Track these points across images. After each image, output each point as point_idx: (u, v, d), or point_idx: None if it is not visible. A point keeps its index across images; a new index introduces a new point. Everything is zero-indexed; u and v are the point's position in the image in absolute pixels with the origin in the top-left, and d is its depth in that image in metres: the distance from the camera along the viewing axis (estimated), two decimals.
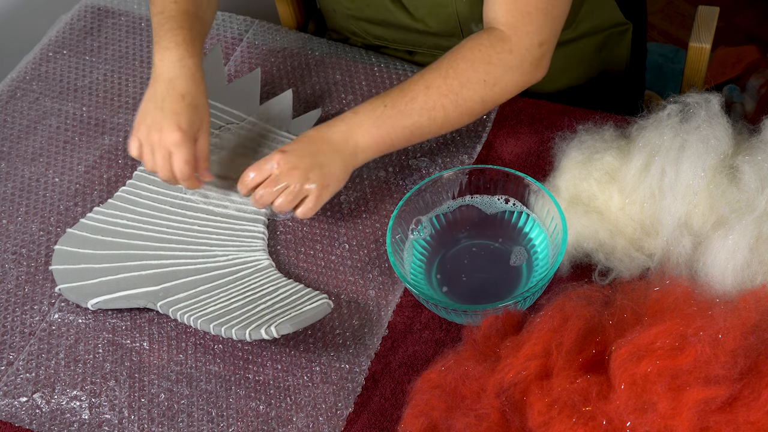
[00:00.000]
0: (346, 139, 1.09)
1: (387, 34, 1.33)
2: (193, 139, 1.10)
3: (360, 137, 1.09)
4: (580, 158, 1.07)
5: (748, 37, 2.35)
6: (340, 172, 1.09)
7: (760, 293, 0.87)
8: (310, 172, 1.08)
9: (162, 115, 1.09)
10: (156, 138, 1.09)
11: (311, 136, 1.10)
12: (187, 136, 1.08)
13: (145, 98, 1.12)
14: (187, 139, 1.09)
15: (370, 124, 1.09)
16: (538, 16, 1.10)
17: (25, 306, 1.11)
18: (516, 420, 0.82)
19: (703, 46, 1.29)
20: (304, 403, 1.00)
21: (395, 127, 1.09)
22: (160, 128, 1.08)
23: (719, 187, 1.00)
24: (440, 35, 1.28)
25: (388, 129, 1.09)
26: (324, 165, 1.08)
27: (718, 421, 0.77)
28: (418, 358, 1.02)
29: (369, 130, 1.09)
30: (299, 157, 1.08)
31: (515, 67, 1.11)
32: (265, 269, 1.09)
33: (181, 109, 1.09)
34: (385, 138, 1.10)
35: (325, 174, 1.08)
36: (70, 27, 1.43)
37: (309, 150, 1.09)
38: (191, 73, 1.11)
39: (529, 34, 1.10)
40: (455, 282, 1.06)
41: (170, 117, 1.08)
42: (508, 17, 1.10)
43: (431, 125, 1.11)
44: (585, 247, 1.04)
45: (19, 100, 1.34)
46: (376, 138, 1.10)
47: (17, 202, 1.21)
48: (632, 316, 0.86)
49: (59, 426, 1.00)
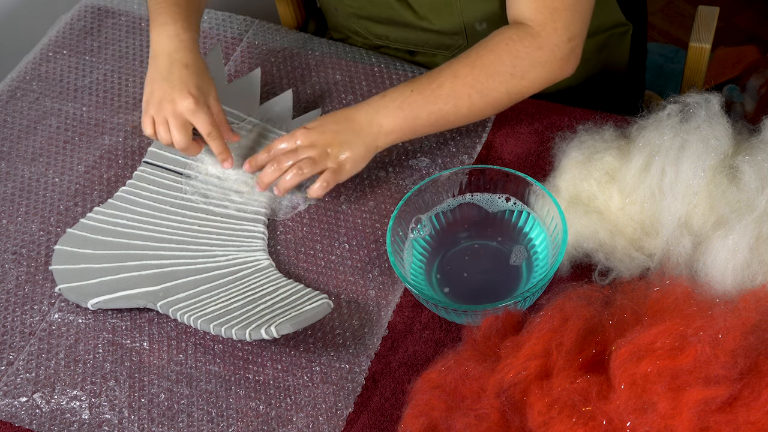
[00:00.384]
0: (370, 120, 1.10)
1: (389, 32, 1.33)
2: (206, 104, 1.11)
3: (384, 120, 1.10)
4: (580, 158, 1.07)
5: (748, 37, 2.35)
6: (359, 154, 1.10)
7: (760, 293, 0.87)
8: (330, 149, 1.08)
9: (170, 86, 1.10)
10: (169, 109, 1.10)
11: (337, 114, 1.11)
12: (199, 101, 1.10)
13: (148, 76, 1.13)
14: (201, 104, 1.10)
15: (396, 107, 1.10)
16: (565, 12, 1.11)
17: (25, 306, 1.11)
18: (516, 420, 0.82)
19: (703, 46, 1.29)
20: (304, 403, 1.00)
21: (420, 112, 1.10)
22: (172, 99, 1.10)
23: (719, 187, 1.00)
24: (444, 33, 1.29)
25: (413, 113, 1.10)
26: (344, 144, 1.09)
27: (718, 421, 0.77)
28: (418, 358, 1.02)
29: (394, 113, 1.10)
30: (321, 134, 1.09)
31: (543, 62, 1.12)
32: (265, 269, 1.09)
33: (188, 77, 1.11)
34: (410, 122, 1.10)
35: (344, 153, 1.09)
36: (70, 27, 1.43)
37: (332, 128, 1.09)
38: (190, 46, 1.13)
39: (558, 30, 1.11)
40: (455, 282, 1.06)
41: (179, 86, 1.10)
42: (536, 14, 1.11)
43: (456, 113, 1.11)
44: (585, 247, 1.04)
45: (19, 100, 1.34)
46: (401, 122, 1.10)
47: (17, 202, 1.21)
48: (632, 316, 0.86)
49: (59, 426, 1.00)
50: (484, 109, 1.13)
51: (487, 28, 1.25)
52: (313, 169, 1.09)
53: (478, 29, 1.26)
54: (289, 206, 1.17)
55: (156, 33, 1.13)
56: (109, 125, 1.29)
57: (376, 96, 1.12)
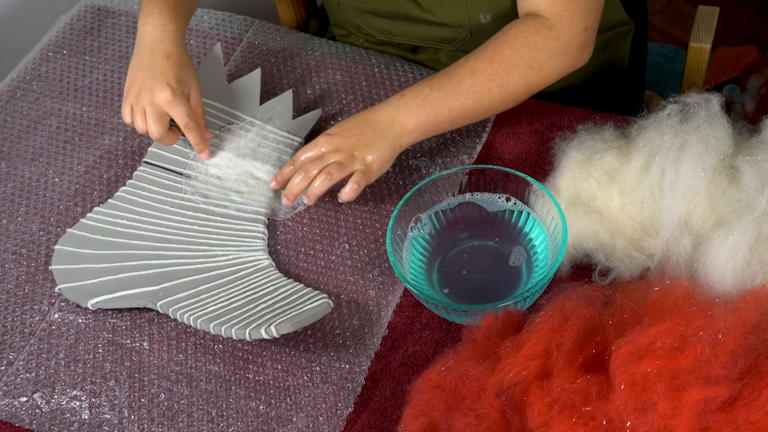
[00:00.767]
0: (392, 119, 1.10)
1: (392, 27, 1.33)
2: (184, 95, 1.13)
3: (406, 118, 1.10)
4: (580, 158, 1.07)
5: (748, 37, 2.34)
6: (385, 154, 1.10)
7: (760, 293, 0.87)
8: (356, 152, 1.09)
9: (150, 76, 1.12)
10: (147, 99, 1.12)
11: (357, 117, 1.12)
12: (177, 92, 1.12)
13: (131, 65, 1.16)
14: (179, 95, 1.12)
15: (417, 105, 1.11)
16: (581, 3, 1.12)
17: (25, 306, 1.11)
18: (516, 420, 0.82)
19: (703, 46, 1.29)
20: (304, 403, 1.00)
21: (441, 108, 1.11)
22: (151, 89, 1.12)
23: (719, 187, 1.00)
24: (447, 26, 1.28)
25: (434, 110, 1.11)
26: (369, 145, 1.09)
27: (718, 421, 0.77)
28: (418, 358, 1.02)
29: (415, 111, 1.10)
30: (344, 138, 1.10)
31: (561, 53, 1.13)
32: (265, 269, 1.09)
33: (168, 67, 1.12)
34: (431, 119, 1.11)
35: (370, 155, 1.09)
36: (70, 27, 1.43)
37: (354, 131, 1.10)
38: (173, 37, 1.15)
39: (575, 21, 1.12)
40: (455, 282, 1.06)
41: (158, 77, 1.12)
42: (552, 6, 1.12)
43: (477, 108, 1.12)
44: (585, 247, 1.04)
45: (19, 100, 1.34)
46: (422, 119, 1.11)
47: (17, 202, 1.21)
48: (632, 316, 0.86)
49: (59, 426, 1.00)
50: (504, 103, 1.14)
51: (492, 20, 1.24)
52: (341, 173, 1.09)
53: (482, 22, 1.25)
54: (289, 206, 1.17)
55: (142, 22, 1.16)
56: (109, 125, 1.29)
57: (394, 96, 1.13)
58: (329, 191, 1.14)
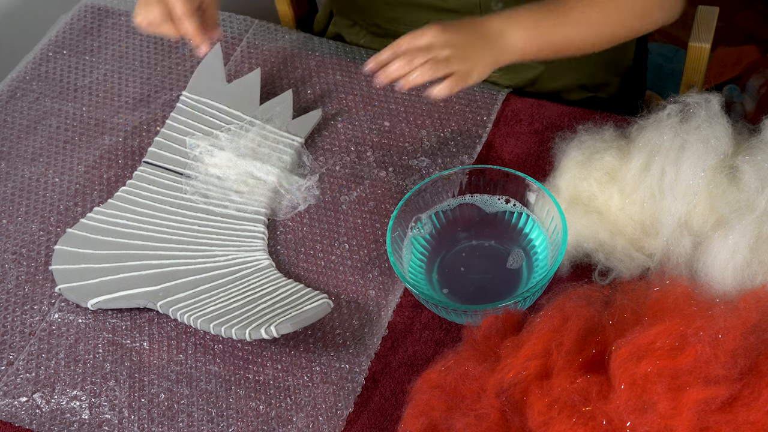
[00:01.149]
0: (501, 32, 1.09)
1: (401, 15, 1.32)
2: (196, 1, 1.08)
3: (515, 36, 1.09)
4: (580, 158, 1.07)
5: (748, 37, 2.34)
6: (487, 65, 1.09)
7: (760, 293, 0.87)
8: (463, 51, 1.06)
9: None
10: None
11: (468, 22, 1.10)
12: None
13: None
14: None
15: (528, 25, 1.10)
16: None
17: (25, 306, 1.11)
18: (516, 420, 0.82)
19: (703, 46, 1.29)
20: (304, 403, 1.00)
21: (550, 33, 1.11)
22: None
23: (719, 187, 1.00)
24: (458, 12, 1.27)
25: (543, 33, 1.11)
26: (477, 51, 1.07)
27: (718, 421, 0.77)
28: (418, 358, 1.02)
29: (525, 32, 1.10)
30: (456, 33, 1.06)
31: (661, 5, 1.17)
32: (265, 269, 1.09)
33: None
34: (537, 41, 1.11)
35: (474, 61, 1.07)
36: (70, 27, 1.43)
37: (465, 34, 1.08)
38: None
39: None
40: (455, 282, 1.06)
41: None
42: None
43: (582, 40, 1.14)
44: (585, 247, 1.04)
45: (19, 100, 1.34)
46: (530, 39, 1.10)
47: (17, 202, 1.21)
48: (632, 316, 0.86)
49: (59, 426, 1.00)
50: (606, 42, 1.17)
51: (503, 7, 1.23)
52: (444, 70, 1.04)
53: (494, 9, 1.24)
54: (289, 206, 1.17)
55: None
56: (109, 125, 1.29)
57: (504, 12, 1.11)
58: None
